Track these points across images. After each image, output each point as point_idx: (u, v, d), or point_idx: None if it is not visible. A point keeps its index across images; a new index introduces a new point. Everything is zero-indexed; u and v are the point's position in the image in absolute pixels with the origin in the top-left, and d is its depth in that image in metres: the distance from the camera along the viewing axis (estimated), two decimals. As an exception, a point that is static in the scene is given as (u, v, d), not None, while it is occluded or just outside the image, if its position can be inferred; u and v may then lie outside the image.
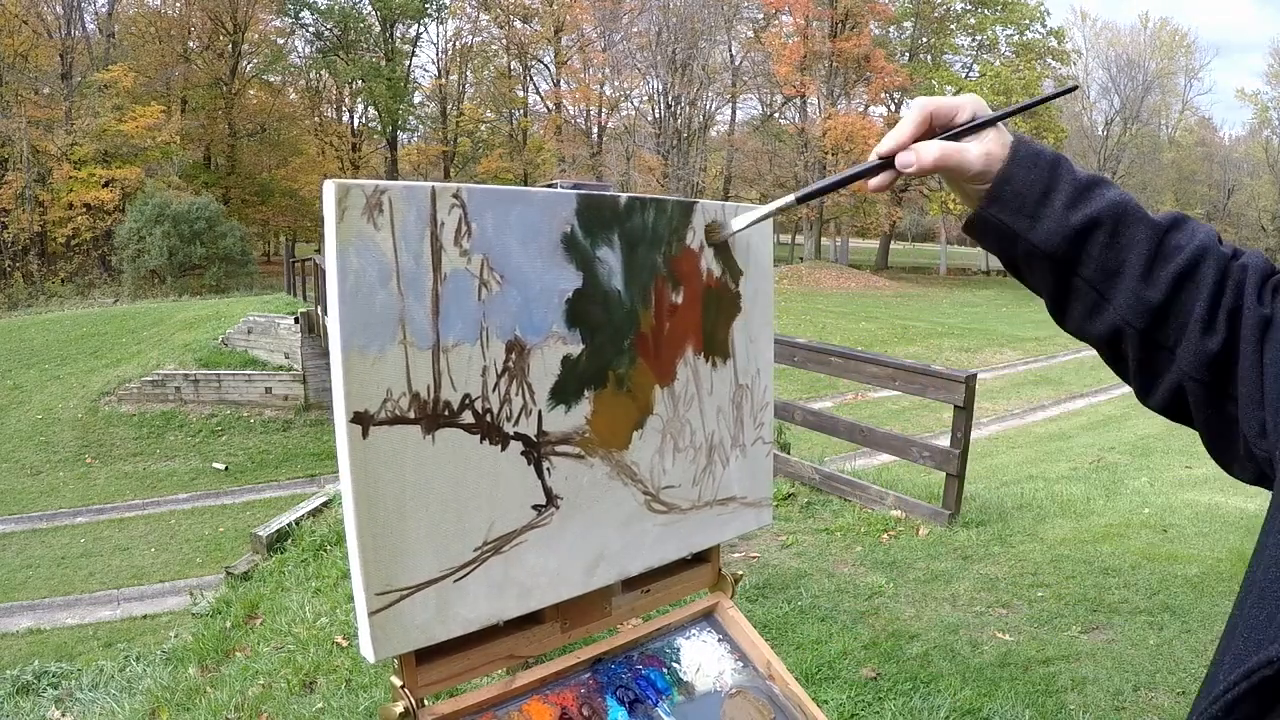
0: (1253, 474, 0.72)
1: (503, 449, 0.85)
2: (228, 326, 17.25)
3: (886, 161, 0.80)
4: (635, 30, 38.65)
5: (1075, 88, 0.90)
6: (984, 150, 0.76)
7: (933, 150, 0.77)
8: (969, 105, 0.78)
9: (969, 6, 39.98)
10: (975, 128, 0.77)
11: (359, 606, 0.77)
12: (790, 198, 0.89)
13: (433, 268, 0.78)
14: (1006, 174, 0.76)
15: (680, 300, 1.00)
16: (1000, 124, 0.78)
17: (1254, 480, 0.72)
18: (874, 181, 0.82)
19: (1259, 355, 0.69)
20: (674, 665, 1.05)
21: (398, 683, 0.83)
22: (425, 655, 0.84)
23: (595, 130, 40.59)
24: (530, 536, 0.88)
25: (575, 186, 0.91)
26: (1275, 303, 0.71)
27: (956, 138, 0.77)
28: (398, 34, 39.54)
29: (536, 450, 0.88)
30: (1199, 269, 0.72)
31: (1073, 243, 0.74)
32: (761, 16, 39.54)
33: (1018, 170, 0.76)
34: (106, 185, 28.68)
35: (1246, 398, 0.69)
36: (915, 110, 0.79)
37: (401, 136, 41.20)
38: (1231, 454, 0.73)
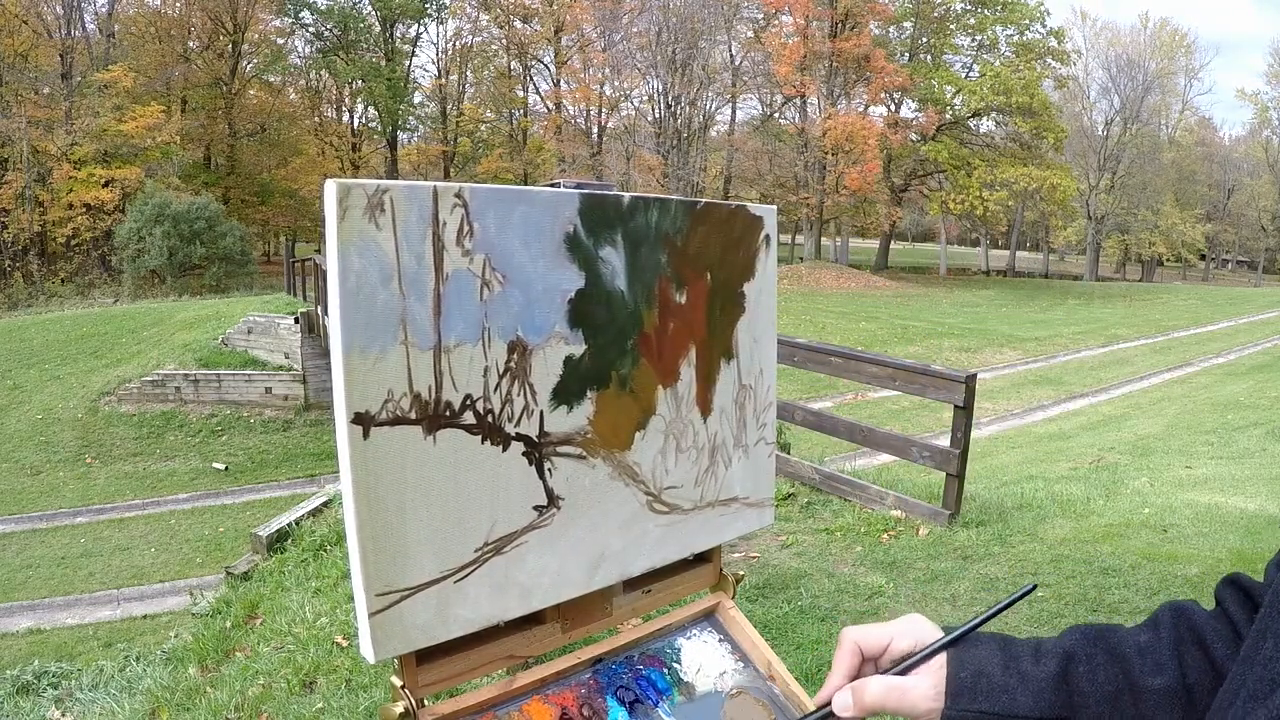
0: None
1: (504, 450, 0.85)
2: (228, 326, 17.25)
3: (826, 709, 0.73)
4: (635, 30, 38.65)
5: (1034, 588, 0.81)
6: (932, 681, 0.69)
7: (872, 690, 0.70)
8: (907, 632, 0.72)
9: (969, 6, 39.98)
10: (925, 656, 0.70)
11: (359, 607, 0.77)
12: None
13: (434, 268, 0.78)
14: (957, 664, 0.69)
15: (684, 300, 1.00)
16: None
17: None
18: None
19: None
20: (675, 665, 1.05)
21: (398, 683, 0.83)
22: (425, 655, 0.84)
23: (595, 130, 40.59)
24: (531, 537, 0.88)
25: (578, 186, 0.91)
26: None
27: (905, 670, 0.71)
28: (398, 34, 39.55)
29: (538, 451, 0.88)
30: (1183, 623, 0.68)
31: (1060, 692, 0.66)
32: (761, 16, 39.54)
33: (964, 653, 0.70)
34: (106, 185, 28.68)
35: None
36: (841, 646, 0.73)
37: (401, 136, 41.22)
38: None
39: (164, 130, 29.38)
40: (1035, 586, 0.83)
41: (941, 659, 0.70)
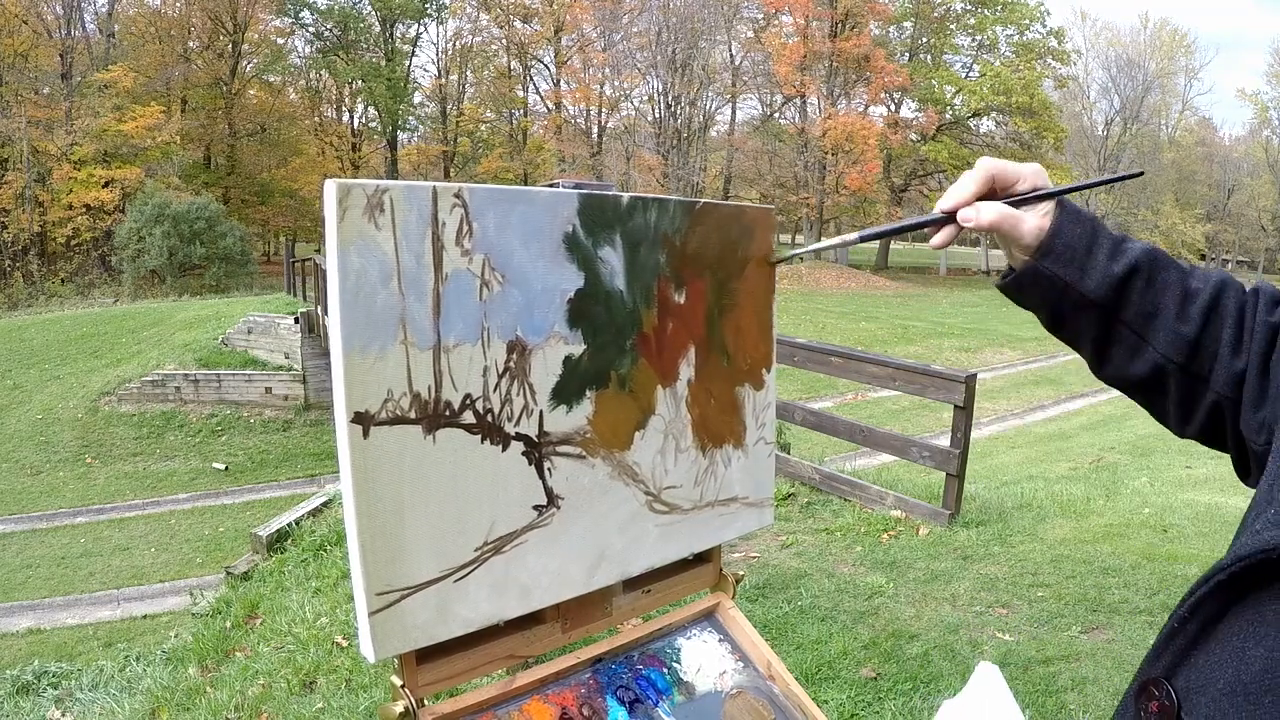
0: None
1: (504, 449, 0.85)
2: (228, 326, 17.25)
3: (949, 216, 0.85)
4: (635, 30, 38.65)
5: (1141, 173, 1.01)
6: (1036, 224, 0.82)
7: (992, 211, 0.82)
8: (1030, 175, 0.84)
9: (969, 6, 39.97)
10: (1035, 199, 0.83)
11: (359, 606, 0.77)
12: (855, 235, 0.97)
13: (434, 268, 0.78)
14: (1056, 228, 0.82)
15: (682, 300, 1.00)
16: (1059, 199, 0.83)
17: None
18: (937, 238, 0.88)
19: (1263, 360, 0.76)
20: (674, 665, 1.05)
21: (398, 682, 0.83)
22: (425, 655, 0.84)
23: (595, 130, 40.59)
24: (531, 537, 0.88)
25: (577, 186, 0.91)
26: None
27: (1016, 205, 0.83)
28: (398, 34, 39.54)
29: (538, 450, 0.88)
30: (1221, 301, 0.80)
31: (1116, 290, 0.81)
32: (761, 16, 39.53)
33: (1065, 225, 0.82)
34: (106, 185, 28.67)
35: (1249, 402, 0.77)
36: (979, 170, 0.84)
37: (401, 136, 41.20)
38: (1248, 465, 0.81)
39: (164, 130, 29.36)
40: (1142, 173, 0.99)
41: (1049, 207, 0.83)
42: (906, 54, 41.23)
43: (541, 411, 0.87)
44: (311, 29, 37.82)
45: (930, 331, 24.20)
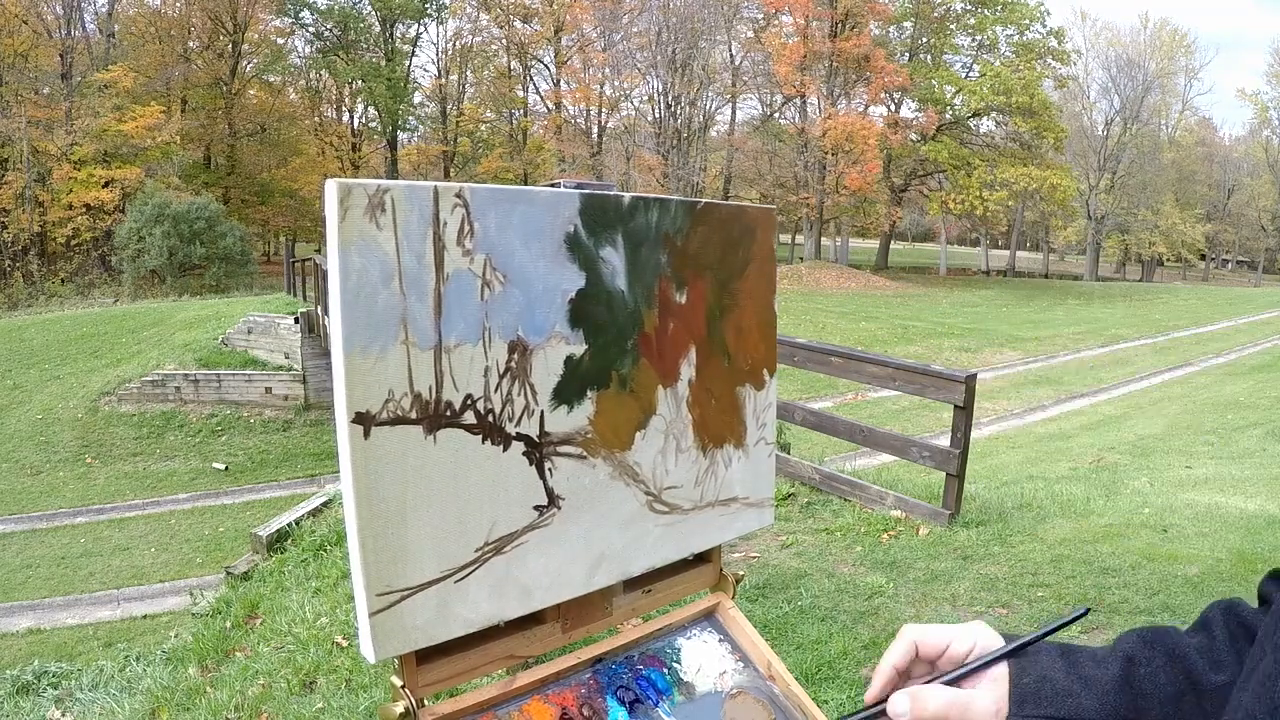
0: None
1: (504, 449, 0.85)
2: (228, 326, 17.25)
3: (879, 706, 0.71)
4: (635, 30, 38.66)
5: (1087, 611, 0.82)
6: (994, 695, 0.68)
7: (935, 698, 0.68)
8: (964, 636, 0.71)
9: (969, 6, 39.97)
10: (982, 665, 0.69)
11: (359, 607, 0.77)
12: None
13: (435, 268, 0.78)
14: (1019, 671, 0.69)
15: (684, 300, 1.00)
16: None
17: None
18: None
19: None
20: (675, 665, 1.05)
21: (398, 683, 0.83)
22: (426, 655, 0.84)
23: (595, 130, 40.59)
24: (532, 537, 0.88)
25: (578, 186, 0.91)
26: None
27: (958, 679, 0.70)
28: (398, 34, 39.55)
29: (538, 451, 0.88)
30: (1234, 620, 0.69)
31: (1124, 693, 0.66)
32: (761, 16, 39.54)
33: (1027, 665, 0.69)
34: (106, 185, 28.68)
35: None
36: (900, 641, 0.72)
37: (401, 136, 41.22)
38: None
39: (164, 130, 29.37)
40: (1088, 611, 0.82)
41: (1002, 671, 0.69)
42: (906, 54, 41.24)
43: (542, 412, 0.87)
44: (311, 29, 37.85)
45: (930, 331, 24.20)
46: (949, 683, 0.70)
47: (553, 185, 0.92)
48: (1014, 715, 0.67)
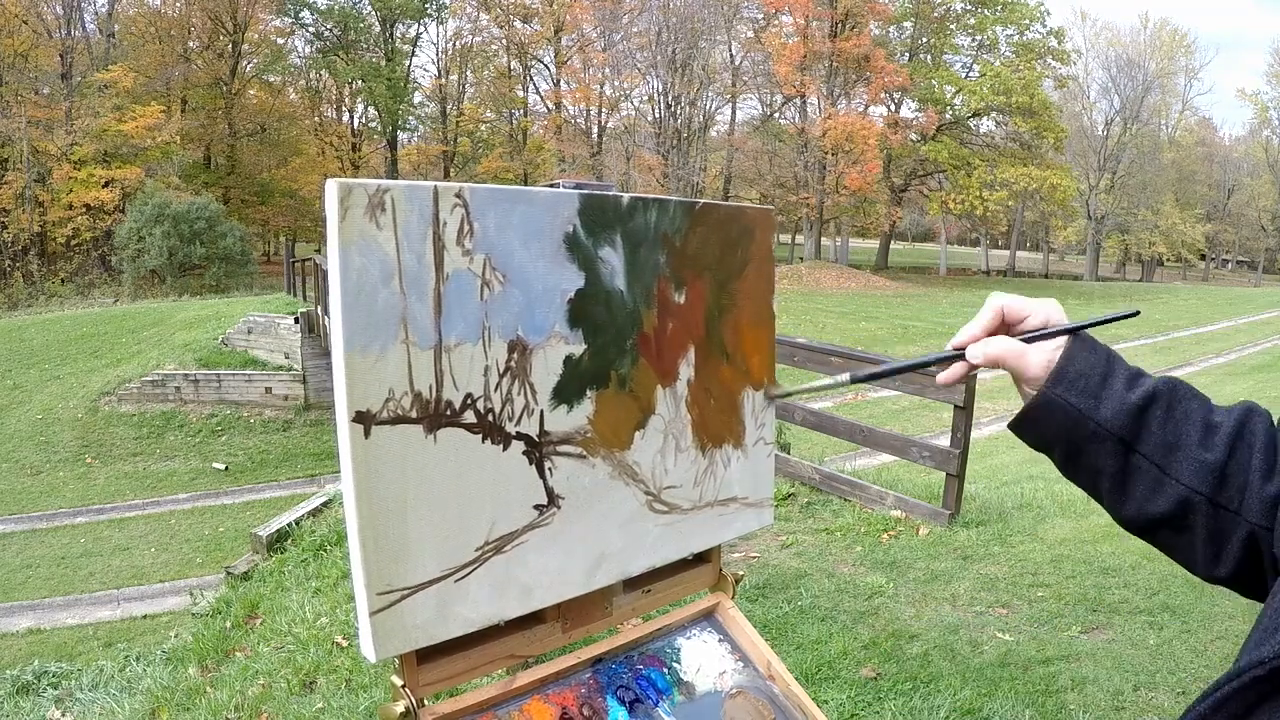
0: None
1: (504, 449, 0.85)
2: (228, 326, 17.25)
3: (959, 353, 0.84)
4: (635, 30, 38.65)
5: (1137, 312, 0.99)
6: (1045, 359, 0.80)
7: (998, 345, 0.82)
8: (1041, 311, 0.83)
9: (969, 6, 39.97)
10: (1044, 335, 0.82)
11: (360, 606, 0.77)
12: (845, 376, 0.95)
13: (435, 267, 0.78)
14: (1069, 355, 0.80)
15: (682, 300, 1.00)
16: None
17: None
18: (945, 374, 0.87)
19: None
20: (674, 665, 1.05)
21: (398, 682, 0.83)
22: (426, 655, 0.84)
23: (595, 130, 40.60)
24: (532, 536, 0.88)
25: (578, 186, 0.91)
26: None
27: (1031, 340, 0.82)
28: (398, 34, 39.56)
29: (538, 450, 0.88)
30: (1248, 427, 0.76)
31: (1134, 419, 0.77)
32: (761, 16, 39.54)
33: (1078, 353, 0.80)
34: (106, 185, 28.68)
35: None
36: (988, 306, 0.84)
37: (401, 136, 41.23)
38: None
39: (164, 130, 29.37)
40: (1138, 312, 0.97)
41: (1061, 342, 0.81)
42: (906, 54, 41.23)
43: (542, 411, 0.87)
44: (311, 29, 37.86)
45: (930, 331, 24.20)
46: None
47: (552, 185, 0.92)
48: (1050, 388, 0.79)
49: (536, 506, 0.88)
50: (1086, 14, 68.86)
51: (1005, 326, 0.84)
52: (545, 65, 41.23)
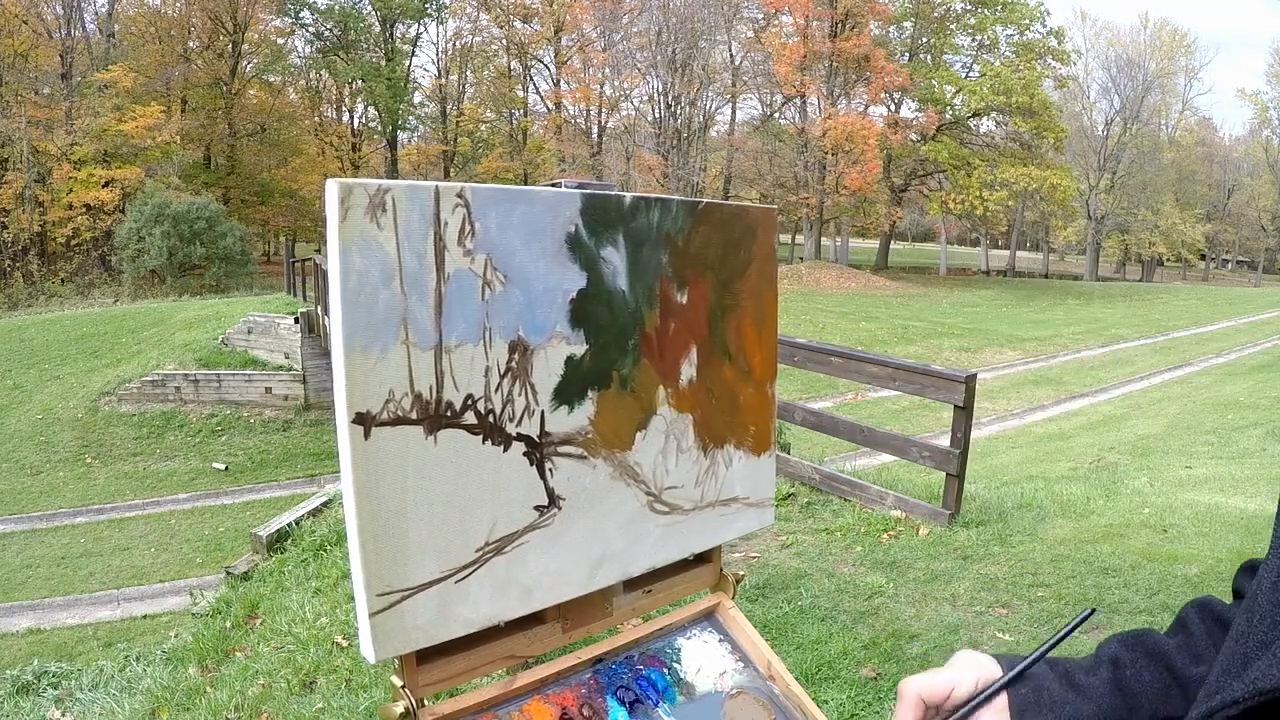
0: None
1: (505, 449, 0.85)
2: (228, 326, 17.24)
3: None
4: (635, 30, 38.65)
5: (1093, 611, 0.85)
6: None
7: None
8: (968, 675, 0.73)
9: (969, 6, 39.97)
10: (981, 703, 0.72)
11: (360, 607, 0.77)
12: None
13: (436, 268, 0.78)
14: (1015, 691, 0.72)
15: (685, 300, 1.00)
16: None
17: None
18: None
19: None
20: (675, 665, 1.05)
21: (398, 683, 0.83)
22: (426, 655, 0.84)
23: (595, 130, 40.60)
24: (532, 537, 0.88)
25: (579, 186, 0.91)
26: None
27: (971, 711, 0.72)
28: (398, 34, 39.55)
29: (539, 451, 0.87)
30: (1208, 612, 0.72)
31: (1115, 693, 0.70)
32: (761, 16, 39.54)
33: (1020, 684, 0.72)
34: (106, 185, 28.68)
35: None
36: (903, 701, 0.73)
37: (401, 136, 41.22)
38: None
39: (164, 130, 29.37)
40: (1094, 610, 0.85)
41: (1003, 699, 0.71)
42: (906, 54, 41.23)
43: (543, 412, 0.87)
44: (311, 29, 37.85)
45: (930, 331, 24.20)
46: None
47: (553, 185, 0.92)
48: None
49: (537, 507, 0.88)
50: (1086, 14, 68.87)
51: (933, 712, 0.73)
52: (545, 65, 41.25)
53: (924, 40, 41.33)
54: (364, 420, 0.75)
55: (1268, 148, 52.66)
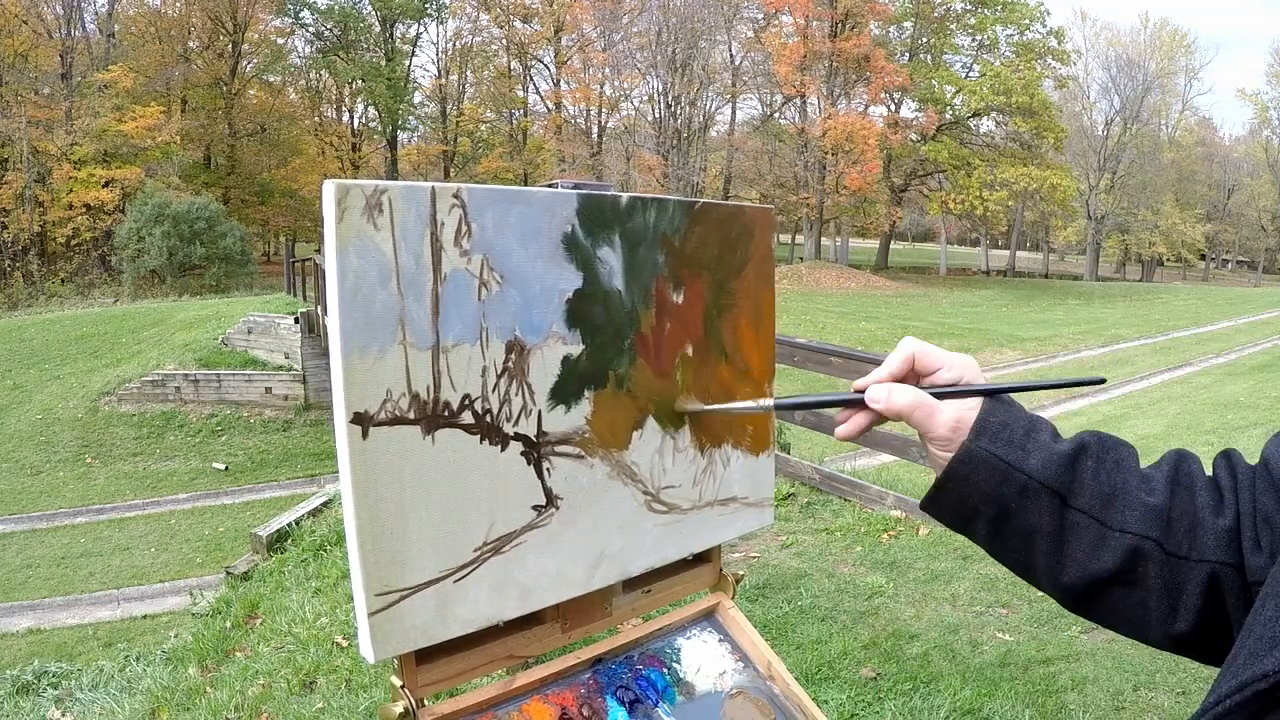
0: None
1: (502, 449, 0.85)
2: (228, 326, 17.25)
3: (861, 395, 0.78)
4: (635, 30, 38.67)
5: (1103, 380, 0.87)
6: (954, 417, 0.74)
7: (905, 396, 0.75)
8: (956, 366, 0.76)
9: (969, 6, 39.99)
10: (958, 393, 0.75)
11: (359, 607, 0.77)
12: (769, 402, 0.90)
13: (433, 268, 0.78)
14: (989, 410, 0.74)
15: (681, 300, 1.00)
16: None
17: None
18: (843, 427, 0.81)
19: (1256, 507, 0.68)
20: (674, 665, 1.05)
21: (398, 683, 0.83)
22: (425, 655, 0.84)
23: (595, 130, 40.61)
24: (530, 537, 0.88)
25: (576, 186, 0.91)
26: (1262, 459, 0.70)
27: (943, 397, 0.75)
28: (398, 34, 39.57)
29: (536, 450, 0.88)
30: (1182, 469, 0.72)
31: (1066, 470, 0.71)
32: (761, 16, 39.56)
33: (998, 408, 0.74)
34: (106, 185, 28.69)
35: (1249, 544, 0.67)
36: (899, 350, 0.77)
37: (401, 136, 41.23)
38: None
39: (164, 130, 29.38)
40: (1104, 380, 0.88)
41: (975, 403, 0.75)
42: (906, 54, 41.25)
43: (540, 411, 0.87)
44: (311, 29, 37.87)
45: (930, 331, 24.20)
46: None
47: (550, 185, 0.92)
48: (972, 442, 0.73)
49: (535, 507, 0.88)
50: (1086, 14, 68.91)
51: (915, 376, 0.77)
52: (545, 65, 41.26)
53: (924, 40, 41.35)
54: (362, 420, 0.75)
55: (1268, 148, 52.67)
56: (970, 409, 0.75)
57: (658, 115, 38.56)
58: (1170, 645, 0.72)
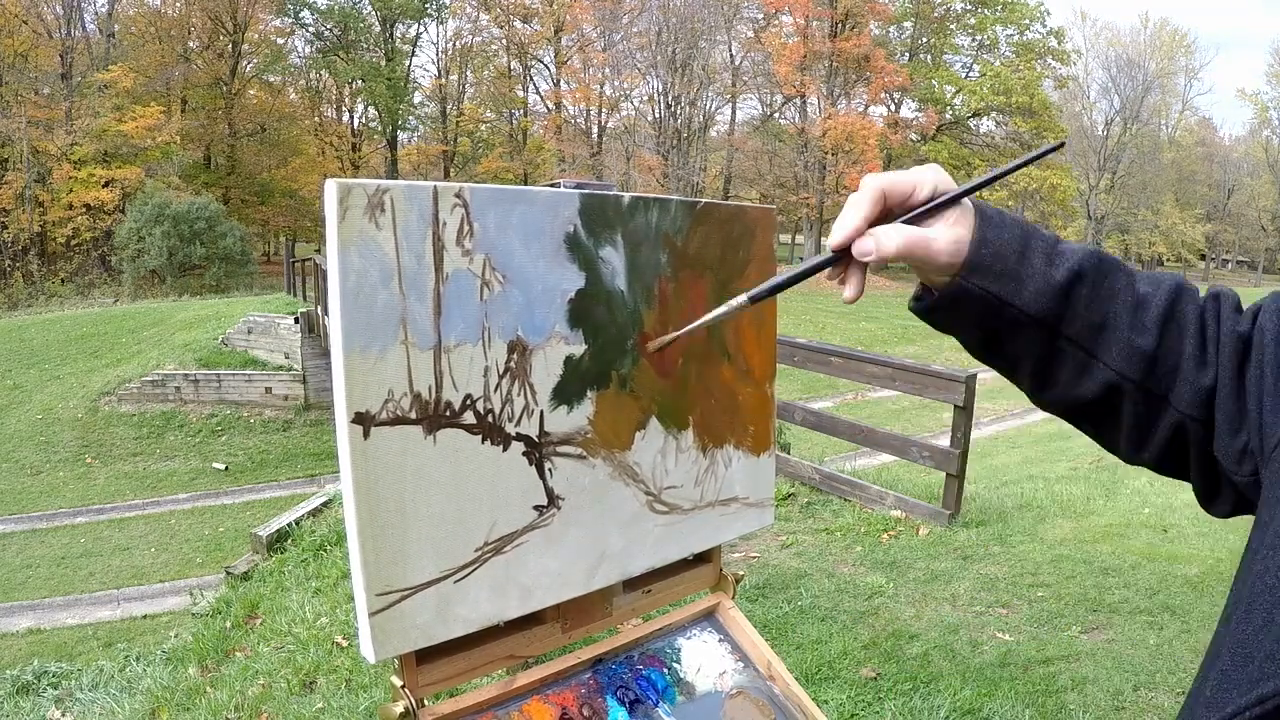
0: (1230, 504, 0.72)
1: (504, 449, 0.85)
2: (228, 326, 17.24)
3: (841, 253, 0.72)
4: (635, 30, 38.64)
5: (1062, 145, 0.85)
6: (952, 236, 0.70)
7: (895, 237, 0.69)
8: (929, 179, 0.71)
9: (969, 6, 39.98)
10: (938, 206, 0.70)
11: (359, 607, 0.77)
12: (743, 298, 0.84)
13: (435, 268, 0.78)
14: (980, 238, 0.70)
15: (684, 300, 1.00)
16: (965, 199, 0.72)
17: (1230, 512, 0.73)
18: (847, 290, 0.75)
19: (1238, 378, 0.68)
20: (674, 665, 1.05)
21: (398, 683, 0.83)
22: (425, 655, 0.84)
23: (595, 130, 40.59)
24: (532, 537, 0.88)
25: (578, 186, 0.91)
26: (1253, 325, 0.70)
27: (919, 219, 0.70)
28: (398, 34, 39.54)
29: (538, 451, 0.87)
30: (1178, 308, 0.71)
31: (1058, 300, 0.70)
32: (761, 16, 39.53)
33: (989, 232, 0.70)
34: (106, 185, 28.68)
35: (1224, 424, 0.68)
36: (865, 191, 0.71)
37: (401, 136, 41.20)
38: (1214, 491, 0.73)
39: (164, 130, 29.36)
40: (1063, 144, 0.87)
41: (962, 218, 0.70)
42: (906, 54, 41.23)
43: (542, 412, 0.87)
44: (311, 29, 37.84)
45: (930, 331, 23.86)
46: (908, 223, 0.71)
47: (552, 185, 0.92)
48: (964, 279, 0.70)
49: (536, 507, 0.88)
50: (1086, 14, 68.82)
51: (889, 211, 0.71)
52: (545, 65, 41.22)
53: (924, 40, 41.34)
54: (363, 420, 0.75)
55: (1268, 148, 52.65)
56: (962, 221, 0.70)
57: (658, 115, 38.55)
58: (1129, 462, 0.76)
